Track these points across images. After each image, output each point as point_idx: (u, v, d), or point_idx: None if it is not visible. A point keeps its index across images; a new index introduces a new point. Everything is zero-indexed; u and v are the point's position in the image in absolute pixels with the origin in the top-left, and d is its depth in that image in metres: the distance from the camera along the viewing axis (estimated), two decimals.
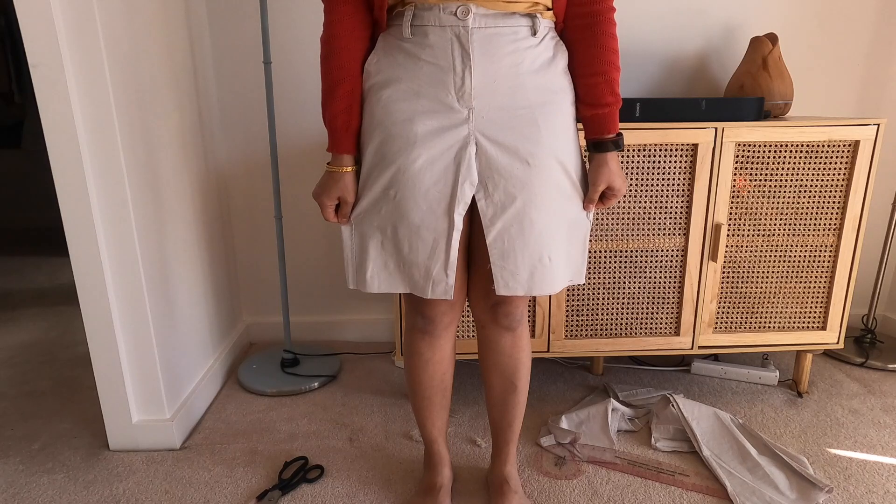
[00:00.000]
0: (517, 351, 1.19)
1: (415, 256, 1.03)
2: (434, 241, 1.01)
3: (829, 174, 1.55)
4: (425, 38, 0.96)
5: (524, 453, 1.46)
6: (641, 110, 1.51)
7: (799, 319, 1.66)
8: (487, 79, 0.96)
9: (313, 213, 2.00)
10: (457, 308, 1.16)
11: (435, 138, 0.98)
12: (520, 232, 1.02)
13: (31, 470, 1.42)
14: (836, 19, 1.87)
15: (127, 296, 1.39)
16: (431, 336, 1.17)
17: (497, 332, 1.17)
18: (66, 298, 2.59)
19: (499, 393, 1.23)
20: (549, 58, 1.01)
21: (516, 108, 0.98)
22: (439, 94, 0.96)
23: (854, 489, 1.33)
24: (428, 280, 1.04)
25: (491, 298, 1.13)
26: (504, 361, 1.20)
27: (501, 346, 1.18)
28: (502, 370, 1.20)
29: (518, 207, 1.00)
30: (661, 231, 1.57)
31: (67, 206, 1.30)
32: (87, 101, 1.26)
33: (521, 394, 1.22)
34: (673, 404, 1.53)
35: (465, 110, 0.96)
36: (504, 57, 0.96)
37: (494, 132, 0.97)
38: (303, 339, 2.12)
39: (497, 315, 1.15)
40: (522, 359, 1.20)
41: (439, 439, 1.29)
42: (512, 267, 1.03)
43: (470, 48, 0.94)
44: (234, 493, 1.33)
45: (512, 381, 1.21)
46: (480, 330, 1.20)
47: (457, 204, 0.99)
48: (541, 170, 0.99)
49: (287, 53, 1.85)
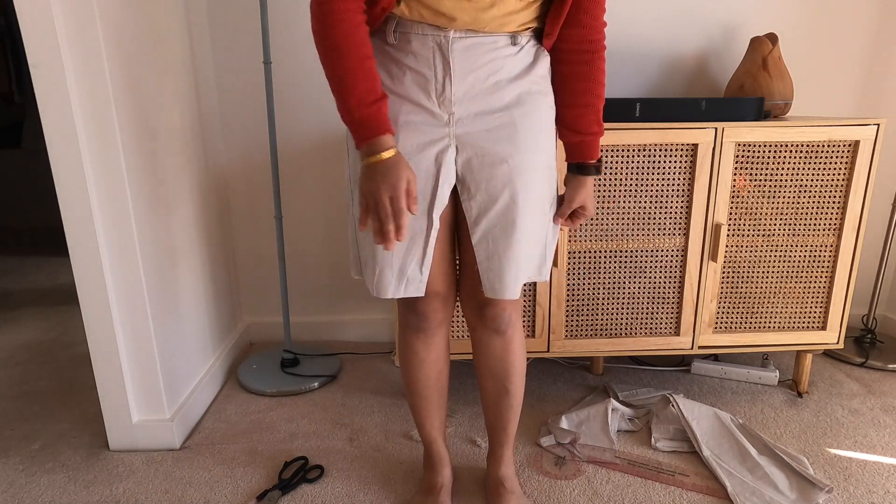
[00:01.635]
0: (508, 354, 1.19)
1: (389, 254, 1.04)
2: (411, 239, 1.03)
3: (829, 174, 1.55)
4: (408, 44, 0.97)
5: (524, 453, 1.46)
6: (641, 110, 1.51)
7: (799, 319, 1.66)
8: (467, 86, 0.98)
9: (313, 213, 2.01)
10: (449, 305, 1.17)
11: (416, 141, 0.99)
12: (503, 232, 1.03)
13: (31, 470, 1.42)
14: (836, 19, 1.87)
15: (127, 296, 1.39)
16: (426, 334, 1.17)
17: (487, 335, 1.18)
18: (66, 298, 2.59)
19: (492, 396, 1.23)
20: (529, 63, 1.03)
21: (495, 112, 1.00)
22: (421, 99, 0.98)
23: (854, 489, 1.33)
24: (402, 279, 1.05)
25: (477, 299, 1.14)
26: (495, 365, 1.20)
27: (492, 349, 1.19)
28: (494, 373, 1.20)
29: (500, 208, 1.02)
30: (661, 231, 1.57)
31: (67, 206, 1.30)
32: (87, 101, 1.26)
33: (514, 397, 1.22)
34: (673, 404, 1.53)
35: (445, 115, 0.99)
36: (483, 66, 0.98)
37: (474, 137, 1.00)
38: (303, 339, 2.12)
39: (485, 318, 1.15)
40: (514, 362, 1.20)
41: (438, 439, 1.29)
42: (497, 268, 1.05)
43: (450, 57, 0.96)
44: (234, 493, 1.33)
45: (504, 384, 1.21)
46: (472, 332, 1.21)
47: (435, 203, 1.01)
48: (521, 171, 1.01)
49: (287, 53, 1.85)
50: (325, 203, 2.00)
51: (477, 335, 1.19)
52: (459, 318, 1.61)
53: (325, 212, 2.01)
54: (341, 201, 2.00)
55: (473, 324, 1.19)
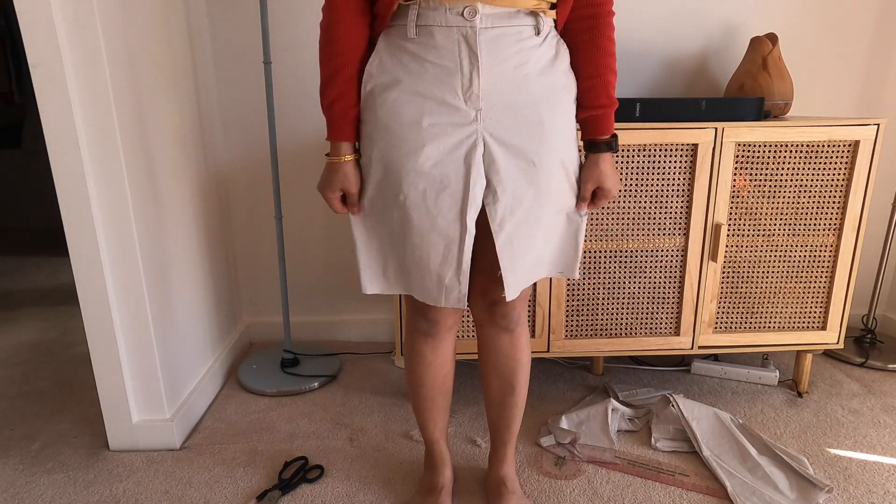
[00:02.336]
0: (516, 351, 1.18)
1: (426, 263, 1.01)
2: (446, 247, 1.00)
3: (829, 174, 1.55)
4: (431, 38, 0.94)
5: (524, 453, 1.46)
6: (641, 110, 1.51)
7: (799, 319, 1.66)
8: (494, 79, 0.95)
9: (313, 213, 2.01)
10: (460, 310, 1.16)
11: (444, 141, 0.96)
12: (528, 234, 1.01)
13: (31, 470, 1.42)
14: (836, 19, 1.87)
15: (127, 296, 1.39)
16: (434, 339, 1.16)
17: (495, 332, 1.17)
18: (66, 298, 2.59)
19: (497, 394, 1.23)
20: (552, 56, 1.00)
21: (522, 108, 0.97)
22: (446, 96, 0.95)
23: (854, 489, 1.33)
24: (441, 288, 1.02)
25: (488, 297, 1.13)
26: (502, 362, 1.19)
27: (499, 346, 1.18)
28: (500, 371, 1.20)
29: (526, 209, 1.00)
30: (661, 231, 1.57)
31: (67, 206, 1.30)
32: (87, 101, 1.26)
33: (519, 395, 1.22)
34: (673, 404, 1.53)
35: (472, 111, 0.96)
36: (510, 57, 0.96)
37: (501, 132, 0.97)
38: (303, 339, 2.12)
39: (495, 315, 1.15)
40: (521, 359, 1.19)
41: (441, 440, 1.28)
42: (520, 269, 1.03)
43: (478, 49, 0.93)
44: (234, 493, 1.33)
45: (510, 382, 1.20)
46: (479, 329, 1.20)
47: (469, 207, 0.97)
48: (546, 171, 1.00)
49: (287, 53, 1.85)
50: (324, 203, 2.00)
51: (485, 332, 1.18)
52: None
53: (325, 212, 2.01)
54: None
55: (482, 321, 1.18)
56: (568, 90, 1.02)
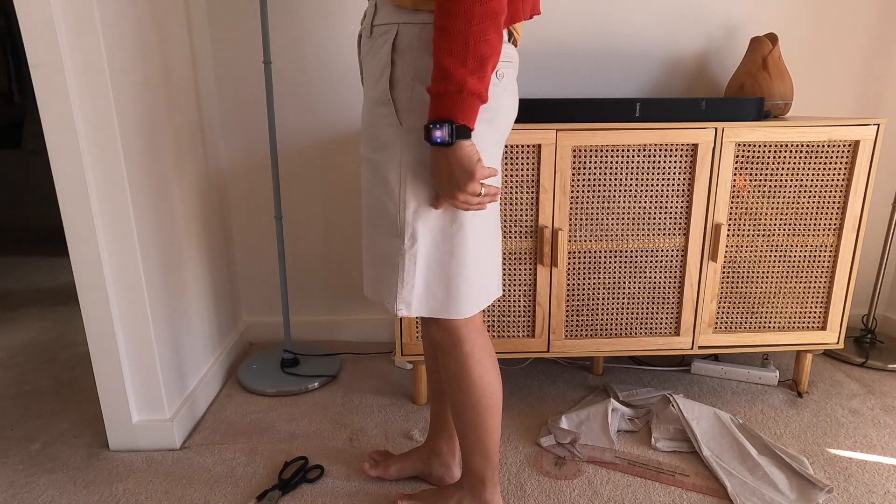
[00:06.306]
0: (447, 375, 1.07)
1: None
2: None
3: (829, 174, 1.55)
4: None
5: (524, 453, 1.46)
6: (641, 110, 1.51)
7: (799, 319, 1.66)
8: None
9: (313, 213, 2.01)
10: None
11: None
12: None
13: (31, 470, 1.42)
14: (836, 19, 1.87)
15: (127, 296, 1.39)
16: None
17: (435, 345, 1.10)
18: (66, 298, 2.59)
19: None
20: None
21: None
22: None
23: (854, 489, 1.33)
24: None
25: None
26: (444, 375, 1.10)
27: (440, 360, 1.10)
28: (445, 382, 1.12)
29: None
30: (661, 231, 1.57)
31: (67, 206, 1.30)
32: (87, 101, 1.26)
33: (456, 414, 1.10)
34: (673, 404, 1.53)
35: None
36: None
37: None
38: (303, 339, 2.12)
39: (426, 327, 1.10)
40: (452, 385, 1.07)
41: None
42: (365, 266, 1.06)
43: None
44: (234, 493, 1.33)
45: (448, 394, 1.11)
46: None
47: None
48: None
49: (287, 53, 1.85)
50: (325, 203, 2.00)
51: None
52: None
53: (325, 212, 2.01)
54: (341, 201, 2.00)
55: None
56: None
